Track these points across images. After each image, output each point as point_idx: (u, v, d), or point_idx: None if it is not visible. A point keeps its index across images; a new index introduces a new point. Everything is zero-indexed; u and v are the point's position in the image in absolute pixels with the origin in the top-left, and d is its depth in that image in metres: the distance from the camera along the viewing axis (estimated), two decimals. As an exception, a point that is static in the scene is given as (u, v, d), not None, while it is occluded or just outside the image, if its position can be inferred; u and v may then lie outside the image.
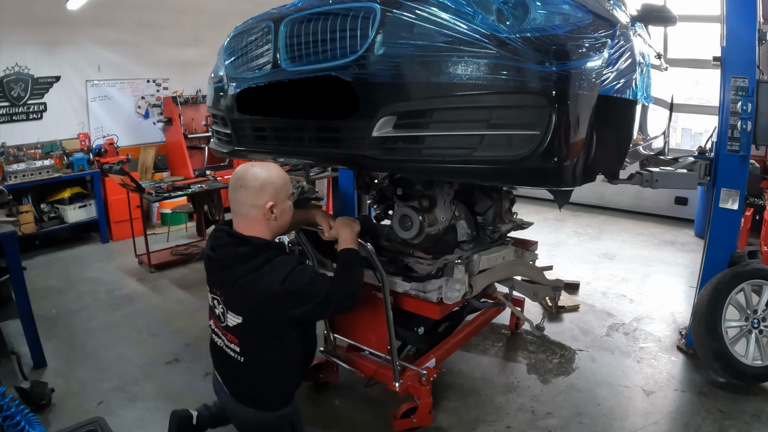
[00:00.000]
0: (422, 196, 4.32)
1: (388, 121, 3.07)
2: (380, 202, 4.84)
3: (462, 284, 3.94)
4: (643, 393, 4.80)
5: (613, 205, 11.80)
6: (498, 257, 4.39)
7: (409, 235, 4.28)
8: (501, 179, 3.01)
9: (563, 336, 5.90)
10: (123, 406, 4.70)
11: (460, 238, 4.43)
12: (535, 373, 5.14)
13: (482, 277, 4.22)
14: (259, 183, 3.13)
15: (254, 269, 3.06)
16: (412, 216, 4.23)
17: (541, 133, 2.71)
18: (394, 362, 4.13)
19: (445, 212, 4.35)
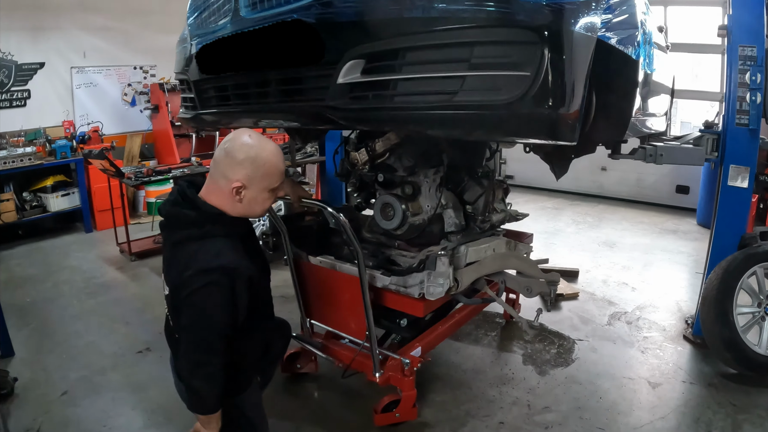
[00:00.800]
0: (405, 182, 4.07)
1: (355, 65, 2.70)
2: (361, 190, 4.55)
3: (446, 278, 3.62)
4: (648, 385, 4.50)
5: (612, 195, 11.62)
6: (487, 249, 4.05)
7: (391, 225, 4.05)
8: (487, 129, 2.60)
9: (562, 325, 5.60)
10: (87, 396, 4.46)
11: (448, 229, 4.17)
12: (532, 365, 4.82)
13: (470, 271, 3.88)
14: (242, 156, 2.68)
15: (187, 239, 2.69)
16: (394, 204, 4.00)
17: (531, 74, 2.35)
18: (374, 350, 3.79)
19: (431, 200, 4.08)
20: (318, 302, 4.25)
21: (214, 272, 2.55)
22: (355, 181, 4.49)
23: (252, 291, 2.72)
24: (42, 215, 9.18)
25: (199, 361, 2.61)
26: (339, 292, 3.94)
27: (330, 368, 4.52)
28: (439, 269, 3.61)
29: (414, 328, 4.19)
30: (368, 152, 3.89)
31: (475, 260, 3.93)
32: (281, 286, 5.72)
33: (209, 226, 2.68)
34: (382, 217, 4.08)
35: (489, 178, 4.34)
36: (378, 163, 4.04)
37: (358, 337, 3.97)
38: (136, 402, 4.14)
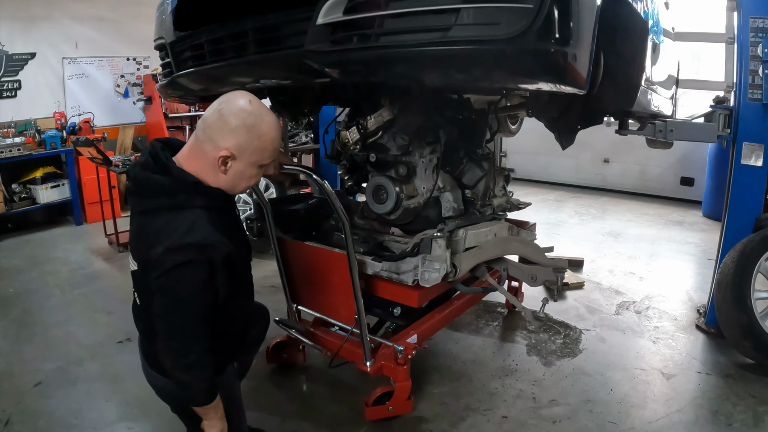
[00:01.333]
0: (399, 162, 3.80)
1: (336, 4, 2.39)
2: (352, 172, 4.24)
3: (442, 263, 3.34)
4: (662, 376, 4.25)
5: (615, 187, 11.44)
6: (488, 233, 3.80)
7: (384, 208, 3.79)
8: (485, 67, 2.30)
9: (567, 315, 5.32)
10: (61, 387, 4.21)
11: (445, 214, 3.91)
12: (536, 355, 4.55)
13: (469, 256, 3.61)
14: (236, 122, 2.33)
15: (157, 209, 2.36)
16: (387, 186, 3.75)
17: (534, 6, 2.09)
18: (364, 336, 3.51)
19: (427, 181, 3.83)
20: (304, 286, 3.96)
21: (188, 250, 2.22)
22: (345, 162, 4.19)
23: (231, 270, 2.38)
24: (31, 207, 8.96)
25: (179, 351, 2.32)
26: (326, 274, 3.66)
27: (319, 359, 4.28)
28: (435, 253, 3.33)
29: (409, 316, 3.89)
30: (359, 130, 3.60)
31: (475, 245, 3.67)
32: (270, 276, 5.51)
33: (183, 196, 2.34)
34: (374, 200, 3.84)
35: (489, 161, 4.10)
36: (370, 143, 3.77)
37: (347, 322, 3.67)
38: (111, 393, 3.92)
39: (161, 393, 2.72)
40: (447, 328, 4.78)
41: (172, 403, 2.75)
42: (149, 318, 2.40)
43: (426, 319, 3.93)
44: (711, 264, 6.11)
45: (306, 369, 4.39)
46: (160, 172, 2.35)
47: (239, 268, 2.52)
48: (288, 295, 4.04)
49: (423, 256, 3.35)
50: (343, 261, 3.38)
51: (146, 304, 2.47)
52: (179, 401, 2.63)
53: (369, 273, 3.58)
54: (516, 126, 6.56)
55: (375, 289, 3.63)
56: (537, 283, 3.83)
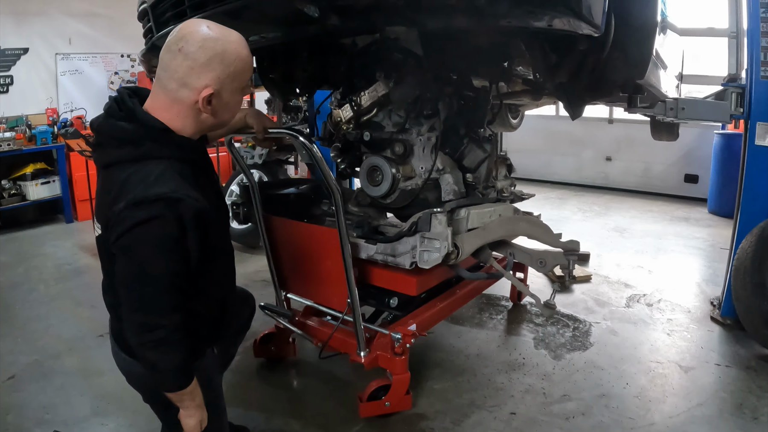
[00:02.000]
0: (395, 140, 3.55)
1: None
2: (345, 153, 3.91)
3: (443, 240, 3.06)
4: (679, 369, 4.01)
5: (618, 185, 11.31)
6: (492, 213, 3.54)
7: (379, 191, 3.54)
8: None
9: (575, 308, 5.07)
10: (35, 381, 4.02)
11: (445, 197, 3.62)
12: (545, 349, 4.30)
13: (472, 236, 3.34)
14: (207, 56, 2.01)
15: (121, 161, 2.05)
16: (382, 167, 3.50)
17: None
18: (357, 323, 3.23)
19: (425, 161, 3.56)
20: (294, 271, 3.72)
21: (153, 204, 1.92)
22: (338, 143, 3.91)
23: (203, 231, 2.07)
24: (20, 204, 8.78)
25: (144, 325, 2.00)
26: (316, 255, 3.41)
27: (310, 352, 4.06)
28: (434, 230, 3.07)
29: (407, 306, 3.61)
30: (353, 107, 3.35)
31: (479, 226, 3.41)
32: (262, 270, 5.41)
33: (150, 145, 2.04)
34: (368, 183, 3.59)
35: (492, 143, 3.83)
36: (364, 121, 3.51)
37: (340, 309, 3.42)
38: (86, 388, 3.71)
39: (132, 379, 2.43)
40: (448, 321, 4.55)
41: (143, 390, 2.45)
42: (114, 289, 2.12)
43: (426, 308, 3.67)
44: (722, 257, 5.92)
45: (296, 363, 4.15)
46: (125, 119, 2.05)
47: (214, 232, 2.21)
48: (276, 282, 3.78)
49: (421, 234, 3.11)
50: (335, 239, 3.12)
51: (111, 272, 2.14)
52: (150, 387, 2.32)
53: (363, 257, 3.33)
54: (517, 120, 6.35)
55: (370, 276, 3.39)
56: (546, 269, 3.57)
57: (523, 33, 2.72)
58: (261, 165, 7.01)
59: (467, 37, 3.07)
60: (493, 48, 3.27)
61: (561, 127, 11.14)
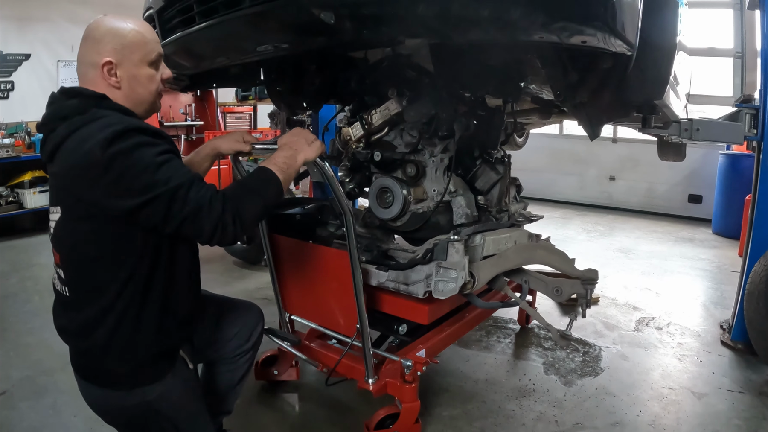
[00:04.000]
0: (407, 161, 3.47)
1: None
2: (354, 173, 3.85)
3: (460, 270, 2.94)
4: (692, 396, 3.92)
5: (621, 205, 11.36)
6: (508, 240, 3.43)
7: (389, 213, 3.45)
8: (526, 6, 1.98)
9: (584, 331, 4.98)
10: (27, 398, 3.90)
11: (457, 221, 3.55)
12: (555, 374, 4.20)
13: (488, 265, 3.21)
14: (100, 31, 2.12)
15: (75, 128, 2.00)
16: (393, 188, 3.41)
17: None
18: (366, 349, 3.10)
19: (437, 183, 3.50)
20: (299, 292, 3.60)
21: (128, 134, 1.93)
22: (347, 162, 3.84)
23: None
24: (18, 212, 8.70)
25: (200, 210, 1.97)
26: (324, 277, 3.30)
27: (314, 376, 3.97)
28: (451, 259, 2.94)
29: (416, 331, 3.50)
30: (363, 126, 3.29)
31: (494, 253, 3.30)
32: (264, 287, 5.27)
33: (95, 110, 2.04)
34: (378, 204, 3.50)
35: (505, 165, 3.78)
36: (374, 140, 3.45)
37: (347, 333, 3.30)
38: (79, 408, 3.51)
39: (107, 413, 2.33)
40: (455, 345, 4.47)
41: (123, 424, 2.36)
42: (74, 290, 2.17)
43: (435, 333, 3.54)
44: (729, 278, 5.87)
45: (299, 387, 4.02)
46: (69, 97, 2.10)
47: None
48: (280, 303, 3.67)
49: (437, 263, 2.98)
50: (344, 261, 3.00)
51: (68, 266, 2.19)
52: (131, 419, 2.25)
53: (373, 284, 3.22)
54: (522, 139, 6.31)
55: (379, 303, 3.28)
56: (562, 298, 3.45)
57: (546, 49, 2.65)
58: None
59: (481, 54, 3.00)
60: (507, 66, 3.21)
61: (564, 146, 11.14)
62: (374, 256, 3.49)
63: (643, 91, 2.80)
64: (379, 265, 3.25)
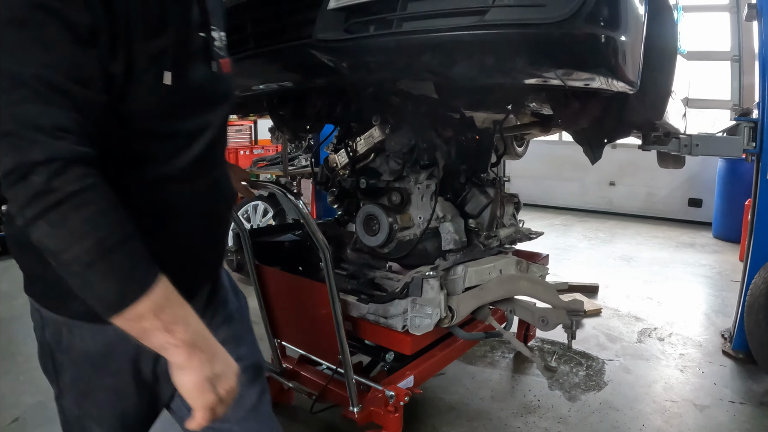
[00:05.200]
0: (392, 189, 3.48)
1: None
2: (341, 200, 3.88)
3: (435, 307, 2.93)
4: (694, 408, 3.97)
5: (622, 210, 11.42)
6: (492, 270, 3.37)
7: (376, 241, 3.42)
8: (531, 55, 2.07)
9: (587, 344, 5.04)
10: (40, 425, 3.87)
11: (446, 246, 3.50)
12: (559, 389, 4.24)
13: (469, 298, 3.18)
14: None
15: None
16: (379, 216, 3.37)
17: None
18: (349, 378, 3.08)
19: (423, 210, 3.46)
20: (286, 320, 3.60)
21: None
22: (334, 189, 3.87)
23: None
24: (23, 229, 8.62)
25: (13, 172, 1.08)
26: (308, 308, 3.29)
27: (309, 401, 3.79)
28: (426, 295, 2.94)
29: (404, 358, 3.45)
30: (348, 153, 3.37)
31: (477, 284, 3.26)
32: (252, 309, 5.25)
33: None
34: (365, 232, 3.49)
35: (496, 187, 3.78)
36: (360, 167, 3.52)
37: (333, 362, 3.29)
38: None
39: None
40: (461, 361, 4.50)
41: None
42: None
43: (424, 358, 3.51)
44: (730, 285, 5.94)
45: (292, 411, 3.94)
46: None
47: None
48: (268, 330, 3.66)
49: (413, 299, 2.98)
50: (323, 294, 3.01)
51: None
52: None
53: (354, 315, 3.22)
54: (522, 148, 6.34)
55: (363, 332, 3.27)
56: (549, 327, 3.40)
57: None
58: (267, 197, 6.87)
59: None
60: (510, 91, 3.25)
61: (564, 153, 11.19)
62: (360, 284, 3.49)
63: (644, 113, 2.90)
64: (360, 297, 3.25)
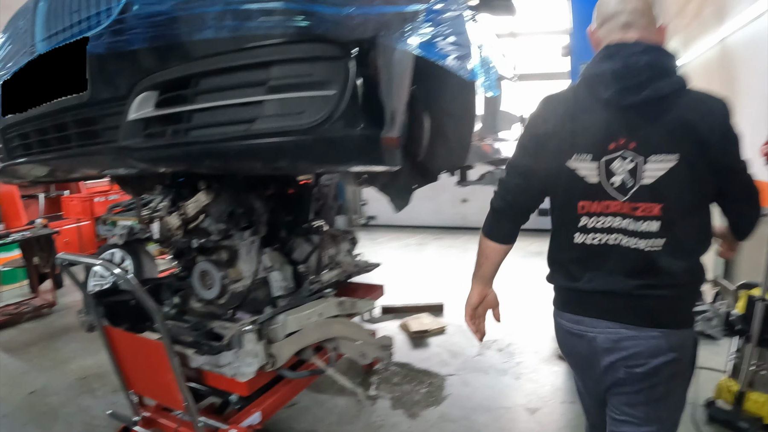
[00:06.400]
0: (220, 247, 3.74)
1: (147, 98, 2.37)
2: (179, 258, 4.10)
3: (254, 357, 3.20)
4: (526, 412, 4.29)
5: (476, 225, 11.18)
6: (312, 315, 3.62)
7: (211, 294, 3.70)
8: (291, 157, 2.33)
9: (430, 362, 5.31)
10: None
11: (275, 293, 3.82)
12: (401, 408, 4.47)
13: (289, 343, 3.45)
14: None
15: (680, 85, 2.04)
16: (211, 272, 3.66)
17: (337, 92, 2.16)
18: (195, 423, 3.27)
19: (251, 264, 3.76)
20: (136, 373, 3.70)
21: None
22: (172, 248, 4.06)
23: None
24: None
25: None
26: (151, 362, 3.40)
27: None
28: (246, 348, 3.20)
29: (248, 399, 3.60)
30: (180, 216, 3.55)
31: (298, 329, 3.52)
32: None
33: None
34: (201, 286, 3.74)
35: (320, 233, 4.11)
36: (192, 228, 3.68)
37: (175, 406, 3.44)
38: None
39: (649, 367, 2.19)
40: (311, 390, 4.66)
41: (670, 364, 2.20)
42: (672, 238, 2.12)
43: (270, 394, 3.67)
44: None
45: None
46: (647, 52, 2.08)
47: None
48: (122, 382, 3.74)
49: (235, 351, 3.22)
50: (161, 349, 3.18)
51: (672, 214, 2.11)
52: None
53: (193, 366, 3.41)
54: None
55: (206, 379, 3.45)
56: (367, 360, 3.70)
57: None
58: (123, 245, 6.84)
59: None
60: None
61: (418, 174, 11.54)
62: (199, 335, 3.60)
63: (447, 159, 3.15)
64: (197, 350, 3.42)
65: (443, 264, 9.20)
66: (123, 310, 3.67)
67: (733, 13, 6.22)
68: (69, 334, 6.41)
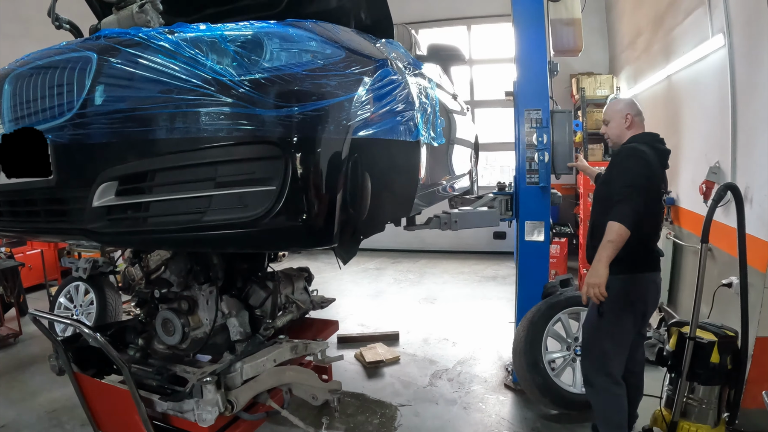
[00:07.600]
0: (181, 297, 3.98)
1: (108, 187, 2.65)
2: (142, 306, 4.34)
3: (214, 405, 3.43)
4: (472, 442, 4.48)
5: (433, 248, 12.03)
6: (267, 361, 3.85)
7: (173, 340, 3.94)
8: (237, 245, 2.69)
9: (383, 393, 5.49)
10: None
11: (234, 337, 4.05)
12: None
13: (246, 389, 3.68)
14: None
15: None
16: (173, 319, 3.89)
17: (277, 187, 2.44)
18: None
19: (209, 312, 4.00)
20: (105, 415, 3.94)
21: None
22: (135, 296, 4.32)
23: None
24: None
25: None
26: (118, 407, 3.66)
27: None
28: (206, 397, 3.43)
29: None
30: (142, 268, 3.87)
31: (254, 375, 3.73)
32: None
33: None
34: (163, 333, 3.96)
35: (275, 280, 4.33)
36: (154, 278, 3.98)
37: None
38: None
39: None
40: (271, 424, 4.80)
41: None
42: None
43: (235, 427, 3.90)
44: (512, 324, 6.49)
45: None
46: None
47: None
48: (92, 423, 3.97)
49: (196, 400, 3.44)
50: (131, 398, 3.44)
51: None
52: None
53: (158, 410, 3.61)
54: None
55: (172, 421, 3.64)
56: (318, 402, 3.97)
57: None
58: (86, 279, 6.86)
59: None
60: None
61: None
62: (163, 379, 3.81)
63: (392, 211, 3.41)
64: (161, 395, 3.63)
65: (400, 290, 9.38)
66: (90, 355, 3.92)
67: (678, 53, 6.58)
68: (36, 365, 6.44)
